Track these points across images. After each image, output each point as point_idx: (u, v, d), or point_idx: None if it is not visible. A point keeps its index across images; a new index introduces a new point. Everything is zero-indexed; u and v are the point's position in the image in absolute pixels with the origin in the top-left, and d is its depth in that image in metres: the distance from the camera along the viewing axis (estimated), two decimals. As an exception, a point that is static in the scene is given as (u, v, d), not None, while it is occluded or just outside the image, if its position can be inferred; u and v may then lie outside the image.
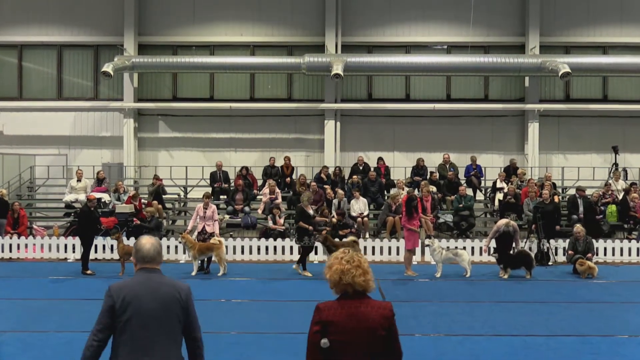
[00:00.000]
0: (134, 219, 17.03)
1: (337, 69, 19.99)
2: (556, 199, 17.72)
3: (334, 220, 17.20)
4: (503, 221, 14.23)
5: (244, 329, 9.14)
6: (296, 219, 14.21)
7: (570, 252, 14.85)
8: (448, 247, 14.71)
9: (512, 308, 10.76)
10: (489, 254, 14.75)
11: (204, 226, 14.35)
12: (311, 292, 12.00)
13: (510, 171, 20.35)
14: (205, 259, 14.22)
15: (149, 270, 4.18)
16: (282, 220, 17.36)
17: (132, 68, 21.43)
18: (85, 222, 14.14)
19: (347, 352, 3.58)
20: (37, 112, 22.59)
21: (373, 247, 16.16)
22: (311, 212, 13.99)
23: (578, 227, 15.08)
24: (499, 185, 19.54)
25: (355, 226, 17.31)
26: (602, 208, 17.83)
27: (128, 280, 4.18)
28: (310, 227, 13.67)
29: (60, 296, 11.44)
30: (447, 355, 8.06)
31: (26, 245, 16.46)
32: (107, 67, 20.38)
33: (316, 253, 15.30)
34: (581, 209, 17.58)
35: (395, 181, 19.66)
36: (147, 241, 4.26)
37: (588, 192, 18.52)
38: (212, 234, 14.36)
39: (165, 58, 21.54)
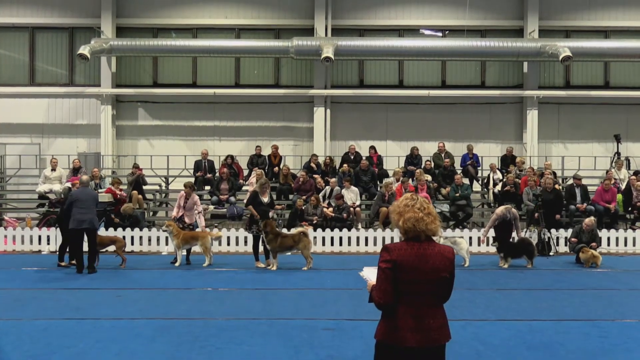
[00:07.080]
0: (112, 216, 15.99)
1: (327, 52, 19.22)
2: (557, 188, 17.06)
3: (325, 210, 16.54)
4: (502, 208, 13.97)
5: (233, 315, 8.88)
6: (246, 203, 13.48)
7: (573, 239, 14.40)
8: (446, 237, 13.96)
9: (515, 295, 10.55)
10: (487, 245, 14.10)
11: (182, 216, 13.96)
12: (301, 281, 11.66)
13: (507, 160, 19.66)
14: (185, 251, 13.62)
15: (84, 187, 12.77)
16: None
17: (110, 51, 20.54)
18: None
19: (412, 290, 3.87)
20: (8, 99, 21.71)
21: (366, 238, 15.79)
22: (265, 199, 13.13)
23: (589, 220, 14.50)
24: (492, 176, 18.79)
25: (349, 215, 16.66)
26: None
27: (74, 190, 13.47)
28: (258, 216, 12.83)
29: (35, 286, 11.22)
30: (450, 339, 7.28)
31: (-4, 237, 15.88)
32: (84, 50, 19.56)
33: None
34: (579, 198, 16.98)
35: (392, 171, 18.85)
36: (84, 176, 13.77)
37: (590, 181, 18.00)
38: (190, 225, 13.98)
39: (145, 41, 20.73)
